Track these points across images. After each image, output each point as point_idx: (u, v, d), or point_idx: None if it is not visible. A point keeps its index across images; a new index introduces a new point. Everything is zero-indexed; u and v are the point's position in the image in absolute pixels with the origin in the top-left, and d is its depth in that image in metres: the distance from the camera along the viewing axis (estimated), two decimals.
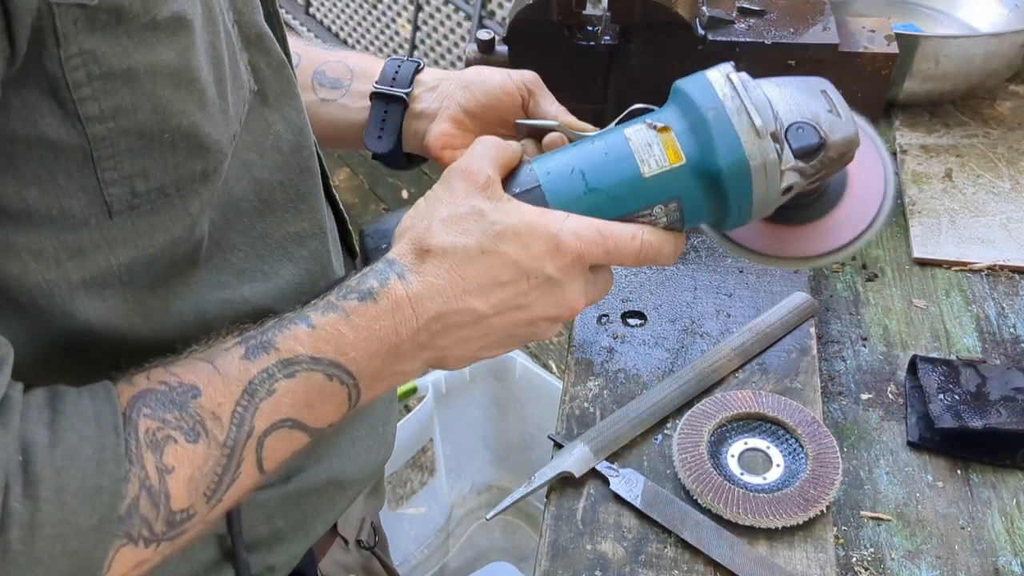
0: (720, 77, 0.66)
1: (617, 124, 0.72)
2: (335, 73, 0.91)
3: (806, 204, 0.74)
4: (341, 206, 0.84)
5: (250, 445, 0.58)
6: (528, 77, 0.85)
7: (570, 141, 0.76)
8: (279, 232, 0.69)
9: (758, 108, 0.64)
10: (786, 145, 0.64)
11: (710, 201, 0.66)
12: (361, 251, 0.68)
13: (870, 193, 0.74)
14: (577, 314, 0.68)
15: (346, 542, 0.91)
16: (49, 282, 0.55)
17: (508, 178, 0.68)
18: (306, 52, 0.92)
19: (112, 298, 0.58)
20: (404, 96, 0.88)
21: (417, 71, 0.89)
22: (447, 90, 0.87)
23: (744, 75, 0.66)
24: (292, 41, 0.93)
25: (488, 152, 0.67)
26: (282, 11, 0.74)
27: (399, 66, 0.89)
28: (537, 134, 0.80)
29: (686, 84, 0.67)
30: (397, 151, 0.90)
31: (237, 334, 0.60)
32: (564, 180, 0.66)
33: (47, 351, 0.58)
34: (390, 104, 0.88)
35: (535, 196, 0.66)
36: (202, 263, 0.64)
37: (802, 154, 0.64)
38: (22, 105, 0.50)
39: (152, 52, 0.52)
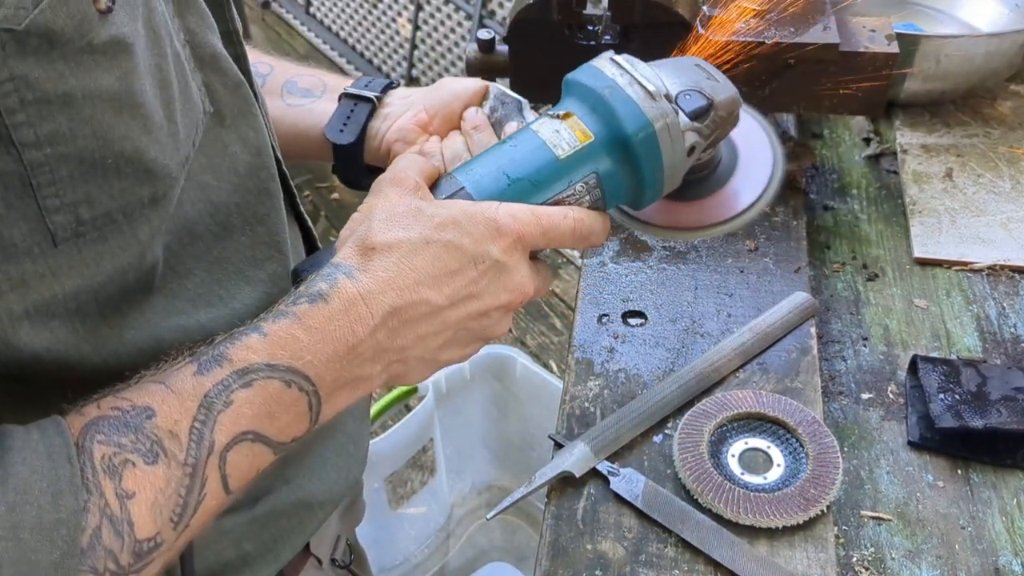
0: (605, 61, 0.71)
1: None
2: (307, 84, 0.91)
3: (702, 179, 0.82)
4: (310, 224, 0.83)
5: (212, 462, 0.56)
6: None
7: None
8: (237, 256, 0.67)
9: (648, 78, 0.69)
10: (679, 110, 0.70)
11: (625, 170, 0.71)
12: (295, 285, 0.67)
13: (759, 168, 0.82)
14: (526, 300, 0.68)
15: (320, 562, 0.88)
16: None
17: (431, 188, 0.70)
18: (279, 64, 0.91)
19: (60, 329, 0.56)
20: (374, 98, 0.87)
21: (390, 86, 0.89)
22: (416, 96, 0.87)
23: (625, 57, 0.71)
24: (265, 57, 0.92)
25: (412, 164, 0.69)
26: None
27: (372, 79, 0.89)
28: None
29: (576, 75, 0.72)
30: (357, 150, 0.87)
31: (187, 354, 0.58)
32: (486, 178, 0.69)
33: None
34: (358, 103, 0.87)
35: (462, 197, 0.69)
36: (156, 289, 0.62)
37: (695, 115, 0.70)
38: None
39: (90, 77, 0.51)
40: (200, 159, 0.63)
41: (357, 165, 0.88)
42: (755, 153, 0.83)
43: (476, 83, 0.85)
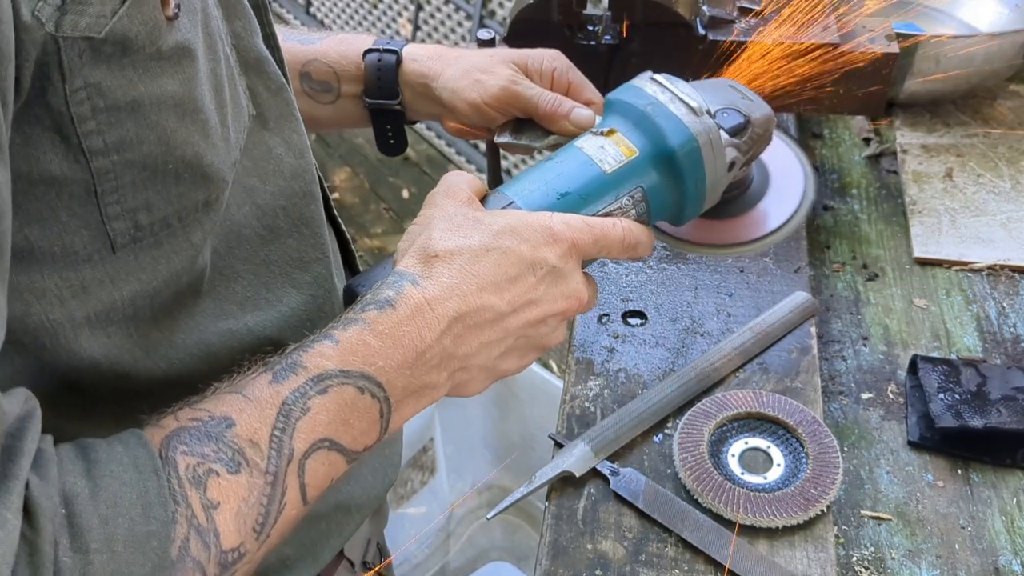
0: (645, 80, 0.73)
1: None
2: (320, 76, 0.92)
3: (735, 199, 0.85)
4: (344, 228, 0.83)
5: (292, 470, 0.56)
6: (511, 87, 0.87)
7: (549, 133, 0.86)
8: (283, 258, 0.68)
9: (689, 95, 0.71)
10: (719, 127, 0.72)
11: (669, 184, 0.72)
12: (346, 303, 0.68)
13: (790, 189, 0.86)
14: (583, 308, 0.69)
15: (352, 564, 0.89)
16: (53, 322, 0.54)
17: (482, 202, 0.70)
18: (285, 47, 0.92)
19: (116, 334, 0.57)
20: (398, 106, 0.91)
21: (399, 63, 0.91)
22: (451, 79, 0.89)
23: (666, 74, 0.73)
24: None
25: (462, 179, 0.70)
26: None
27: (379, 69, 0.90)
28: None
29: (617, 93, 0.74)
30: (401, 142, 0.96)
31: (260, 365, 0.58)
32: (535, 193, 0.70)
33: (51, 390, 0.56)
34: (388, 116, 0.92)
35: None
36: (205, 293, 0.63)
37: (733, 132, 0.73)
38: (23, 143, 0.49)
39: (157, 83, 0.52)
40: (245, 163, 0.64)
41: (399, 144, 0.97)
42: (786, 175, 0.87)
43: (494, 100, 0.88)
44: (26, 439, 0.47)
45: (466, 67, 0.88)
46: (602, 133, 0.73)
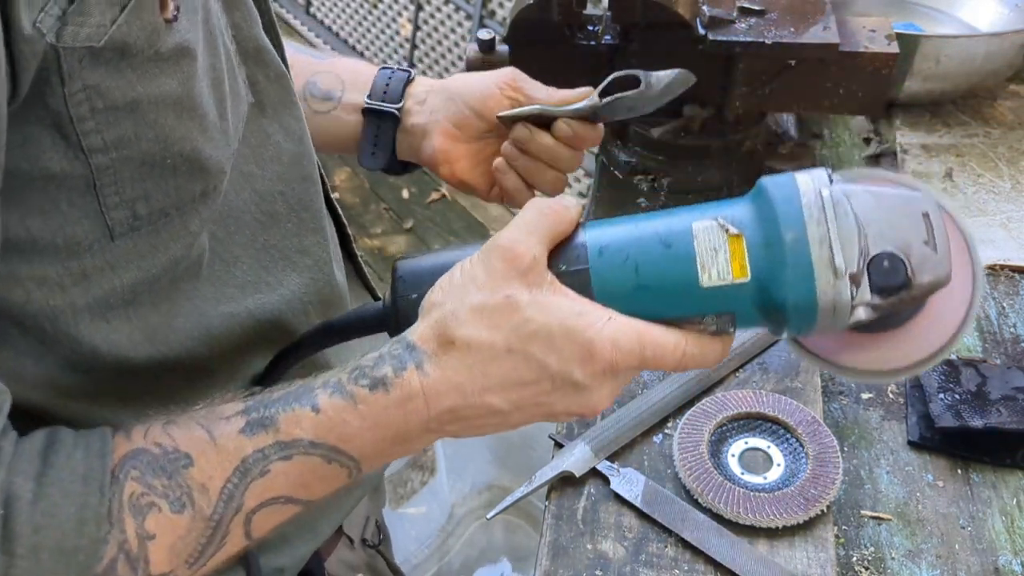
0: (812, 190, 0.57)
1: (600, 96, 0.72)
2: (326, 84, 0.92)
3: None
4: (340, 212, 0.84)
5: (237, 520, 0.56)
6: (506, 75, 0.85)
7: (553, 121, 0.78)
8: (283, 242, 0.69)
9: (844, 242, 0.56)
10: (865, 278, 0.56)
11: (766, 320, 0.60)
12: (392, 291, 0.64)
13: (954, 301, 0.62)
14: (592, 416, 0.64)
15: (351, 541, 0.91)
16: (54, 308, 0.55)
17: (558, 249, 0.61)
18: (296, 61, 0.92)
19: (116, 319, 0.58)
20: (396, 112, 0.88)
21: (409, 82, 0.89)
22: (433, 103, 0.88)
23: (838, 191, 0.57)
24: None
25: (540, 224, 0.59)
26: (282, 11, 0.75)
27: (390, 77, 0.90)
28: (533, 122, 0.82)
29: (773, 188, 0.59)
30: (391, 161, 0.90)
31: (244, 397, 0.58)
32: (615, 269, 0.60)
33: (53, 374, 0.58)
34: (382, 120, 0.89)
35: (581, 280, 0.60)
36: (205, 278, 0.63)
37: (881, 290, 0.56)
38: (23, 141, 0.50)
39: (155, 83, 0.52)
40: (244, 150, 0.64)
41: (393, 167, 0.91)
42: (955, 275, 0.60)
43: (488, 88, 0.86)
44: None
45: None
46: (727, 232, 0.58)
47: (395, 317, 0.63)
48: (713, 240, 0.59)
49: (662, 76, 0.76)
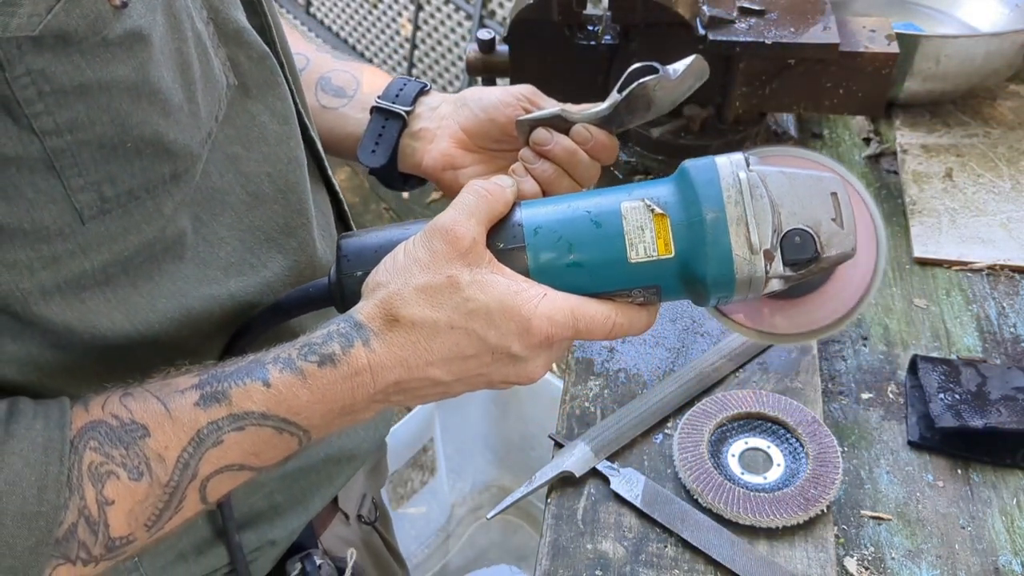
0: (730, 173, 0.62)
1: (620, 90, 0.73)
2: (341, 82, 0.91)
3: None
4: (338, 188, 0.84)
5: (193, 486, 0.59)
6: (524, 88, 0.85)
7: (573, 126, 0.77)
8: (269, 224, 0.69)
9: (759, 221, 0.61)
10: (778, 253, 0.62)
11: (689, 292, 0.65)
12: (337, 270, 0.67)
13: (860, 270, 0.69)
14: (528, 383, 0.67)
15: (347, 517, 0.93)
16: (23, 291, 0.55)
17: (496, 227, 0.65)
18: (316, 57, 0.92)
19: (91, 299, 0.59)
20: (404, 113, 0.87)
21: (422, 92, 0.89)
22: (445, 110, 0.87)
23: (755, 174, 0.62)
24: (304, 44, 0.93)
25: (479, 206, 0.64)
26: (282, 11, 0.74)
27: (404, 84, 0.89)
28: (552, 126, 0.81)
29: (695, 171, 0.63)
30: (391, 168, 0.89)
31: (197, 371, 0.61)
32: (550, 247, 0.64)
33: (32, 352, 0.59)
34: (389, 119, 0.88)
35: (518, 257, 0.64)
36: (188, 259, 0.64)
37: (793, 263, 0.62)
38: None
39: (106, 69, 0.52)
40: (228, 131, 0.65)
41: (391, 176, 0.90)
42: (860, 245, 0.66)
43: (504, 96, 0.85)
44: None
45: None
46: (652, 211, 0.63)
47: (341, 294, 0.66)
48: (640, 219, 0.63)
49: (678, 64, 0.77)
